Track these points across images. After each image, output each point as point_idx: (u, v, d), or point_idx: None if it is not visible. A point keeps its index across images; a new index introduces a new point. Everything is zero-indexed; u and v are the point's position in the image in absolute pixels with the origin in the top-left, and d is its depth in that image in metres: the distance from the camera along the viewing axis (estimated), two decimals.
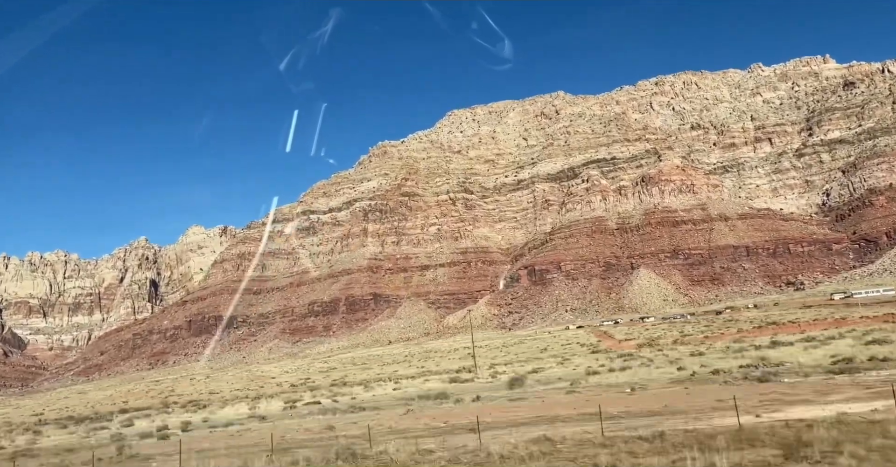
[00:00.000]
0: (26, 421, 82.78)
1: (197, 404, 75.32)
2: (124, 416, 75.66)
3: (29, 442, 55.04)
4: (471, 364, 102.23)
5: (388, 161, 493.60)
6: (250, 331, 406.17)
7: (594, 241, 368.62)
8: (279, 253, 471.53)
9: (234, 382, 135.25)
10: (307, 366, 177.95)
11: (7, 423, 79.76)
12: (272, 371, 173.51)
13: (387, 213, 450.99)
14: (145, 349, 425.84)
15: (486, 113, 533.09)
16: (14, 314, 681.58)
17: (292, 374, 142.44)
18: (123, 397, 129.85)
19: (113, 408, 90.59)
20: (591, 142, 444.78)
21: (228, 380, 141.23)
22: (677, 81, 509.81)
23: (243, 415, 57.78)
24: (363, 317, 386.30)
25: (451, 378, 78.48)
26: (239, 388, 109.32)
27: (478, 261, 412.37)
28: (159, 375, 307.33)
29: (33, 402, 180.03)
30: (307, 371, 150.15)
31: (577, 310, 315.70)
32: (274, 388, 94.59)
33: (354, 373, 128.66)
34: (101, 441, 49.57)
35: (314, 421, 49.47)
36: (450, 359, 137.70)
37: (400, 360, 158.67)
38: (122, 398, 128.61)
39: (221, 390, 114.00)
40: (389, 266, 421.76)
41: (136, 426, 62.43)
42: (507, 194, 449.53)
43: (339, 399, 68.99)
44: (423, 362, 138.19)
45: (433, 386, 67.99)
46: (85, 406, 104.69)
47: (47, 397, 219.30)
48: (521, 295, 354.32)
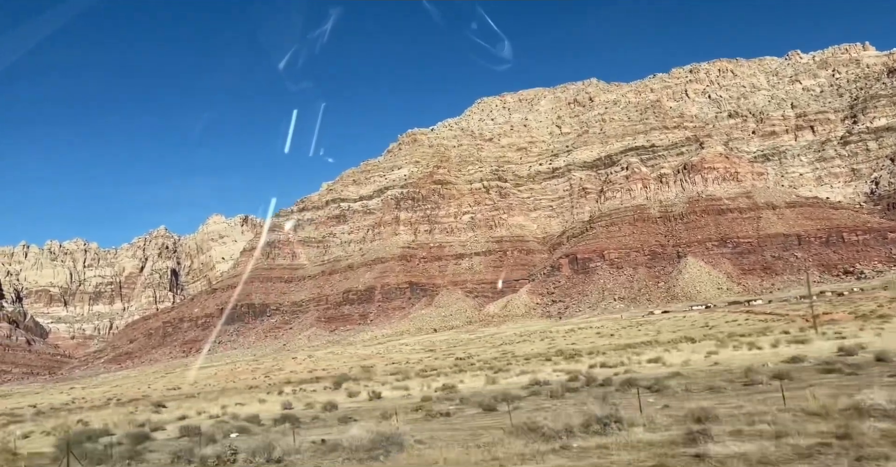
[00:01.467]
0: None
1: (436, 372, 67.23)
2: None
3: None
4: (641, 340, 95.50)
5: (418, 149, 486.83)
6: (284, 319, 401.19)
7: (637, 230, 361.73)
8: (309, 241, 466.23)
9: (348, 361, 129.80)
10: (394, 349, 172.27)
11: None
12: (365, 351, 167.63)
13: (419, 201, 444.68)
14: (176, 337, 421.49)
15: (515, 101, 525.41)
16: (35, 302, 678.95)
17: (411, 354, 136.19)
18: (239, 375, 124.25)
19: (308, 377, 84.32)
20: (627, 130, 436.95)
21: (338, 360, 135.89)
22: (712, 69, 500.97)
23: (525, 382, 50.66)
24: (399, 305, 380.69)
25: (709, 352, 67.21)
26: (404, 363, 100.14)
27: (514, 249, 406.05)
28: (205, 362, 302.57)
29: (129, 384, 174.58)
30: (414, 350, 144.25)
31: (626, 299, 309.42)
32: (451, 362, 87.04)
33: (498, 350, 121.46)
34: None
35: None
36: (564, 340, 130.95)
37: (516, 341, 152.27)
38: (240, 376, 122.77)
39: (401, 362, 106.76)
40: (423, 254, 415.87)
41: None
42: (542, 182, 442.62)
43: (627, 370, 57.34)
44: (546, 342, 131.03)
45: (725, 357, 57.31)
46: (227, 382, 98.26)
47: (125, 380, 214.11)
48: (564, 284, 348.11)
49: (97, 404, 68.14)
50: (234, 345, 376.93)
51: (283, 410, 49.52)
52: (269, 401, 57.47)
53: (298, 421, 38.24)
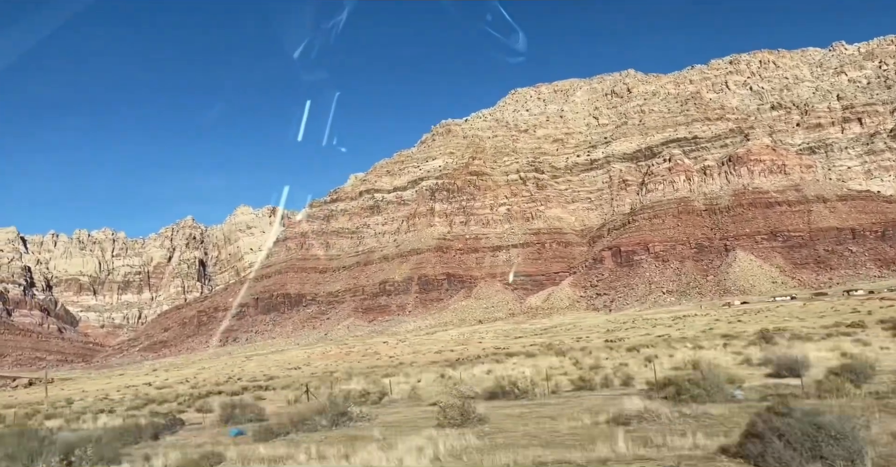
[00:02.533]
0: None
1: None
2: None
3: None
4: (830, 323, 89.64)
5: (452, 139, 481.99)
6: (320, 309, 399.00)
7: (682, 222, 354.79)
8: (342, 232, 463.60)
9: (446, 345, 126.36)
10: (457, 337, 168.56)
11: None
12: (427, 340, 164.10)
13: (454, 193, 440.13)
14: (212, 326, 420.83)
15: (550, 91, 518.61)
16: (65, 291, 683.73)
17: (512, 340, 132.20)
18: (346, 357, 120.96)
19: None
20: (668, 122, 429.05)
21: (436, 344, 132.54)
22: (753, 60, 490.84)
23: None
24: (437, 296, 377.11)
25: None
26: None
27: (552, 242, 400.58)
28: (245, 351, 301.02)
29: (189, 372, 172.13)
30: (498, 336, 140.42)
31: (676, 293, 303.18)
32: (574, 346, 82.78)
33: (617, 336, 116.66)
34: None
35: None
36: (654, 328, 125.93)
37: (612, 329, 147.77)
38: (352, 358, 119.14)
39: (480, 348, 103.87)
40: (460, 246, 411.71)
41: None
42: (580, 174, 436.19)
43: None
44: (659, 328, 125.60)
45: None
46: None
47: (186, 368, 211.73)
48: (607, 276, 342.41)
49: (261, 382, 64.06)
50: (271, 334, 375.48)
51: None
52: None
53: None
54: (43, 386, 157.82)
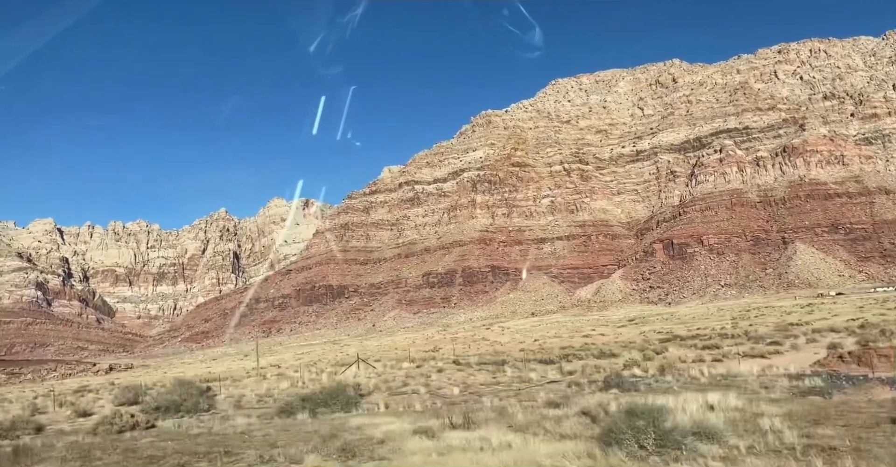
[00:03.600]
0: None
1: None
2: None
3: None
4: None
5: (493, 131, 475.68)
6: (363, 301, 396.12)
7: (735, 214, 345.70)
8: (382, 224, 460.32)
9: (548, 331, 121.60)
10: (544, 327, 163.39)
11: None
12: (527, 329, 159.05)
13: (496, 184, 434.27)
14: (253, 317, 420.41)
15: (592, 82, 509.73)
16: (101, 282, 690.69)
17: (627, 328, 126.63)
18: (438, 344, 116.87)
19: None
20: (716, 112, 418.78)
21: (541, 333, 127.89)
22: (802, 49, 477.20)
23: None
24: (482, 289, 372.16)
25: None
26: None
27: (599, 234, 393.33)
28: (293, 341, 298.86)
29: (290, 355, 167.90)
30: (569, 329, 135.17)
31: (735, 286, 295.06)
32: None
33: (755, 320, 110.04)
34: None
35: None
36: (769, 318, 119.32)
37: (701, 319, 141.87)
38: (443, 345, 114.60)
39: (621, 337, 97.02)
40: (503, 238, 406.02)
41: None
42: (626, 165, 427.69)
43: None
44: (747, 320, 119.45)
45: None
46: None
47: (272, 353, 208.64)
48: (659, 269, 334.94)
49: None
50: (316, 325, 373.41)
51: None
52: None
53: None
54: (121, 371, 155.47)
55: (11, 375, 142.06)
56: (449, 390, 40.92)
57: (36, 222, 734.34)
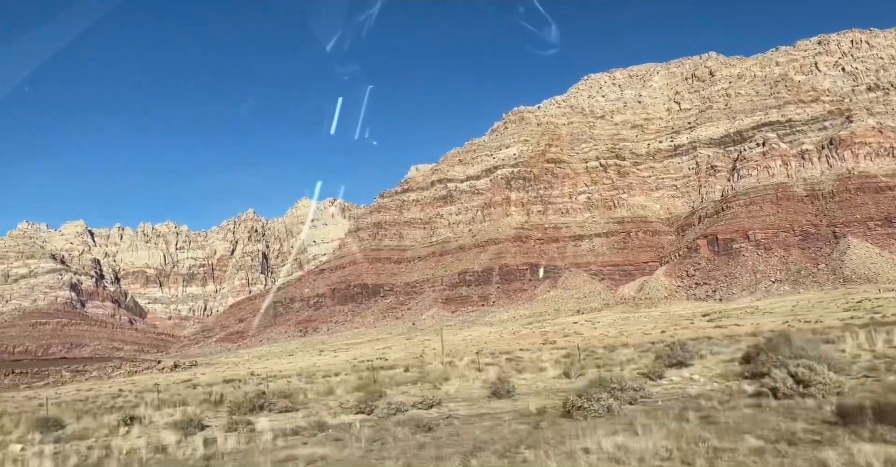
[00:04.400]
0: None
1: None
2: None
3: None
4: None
5: (526, 127, 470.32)
6: (399, 300, 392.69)
7: (782, 209, 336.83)
8: (415, 222, 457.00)
9: (631, 327, 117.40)
10: (612, 323, 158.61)
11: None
12: (622, 323, 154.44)
13: (530, 181, 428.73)
14: (289, 317, 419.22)
15: (625, 77, 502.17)
16: (132, 283, 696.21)
17: (657, 326, 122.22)
18: (524, 338, 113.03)
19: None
20: (757, 105, 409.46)
21: (625, 327, 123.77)
22: (843, 40, 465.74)
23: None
24: (520, 287, 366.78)
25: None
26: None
27: (638, 230, 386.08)
28: (337, 340, 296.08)
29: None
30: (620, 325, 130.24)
31: (787, 281, 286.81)
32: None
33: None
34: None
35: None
36: None
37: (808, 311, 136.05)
38: (527, 339, 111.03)
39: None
40: (539, 236, 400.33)
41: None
42: (663, 160, 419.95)
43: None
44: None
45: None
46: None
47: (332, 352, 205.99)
48: (704, 265, 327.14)
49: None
50: (353, 324, 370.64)
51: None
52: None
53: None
54: (187, 368, 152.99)
55: (76, 372, 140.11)
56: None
57: (67, 224, 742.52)
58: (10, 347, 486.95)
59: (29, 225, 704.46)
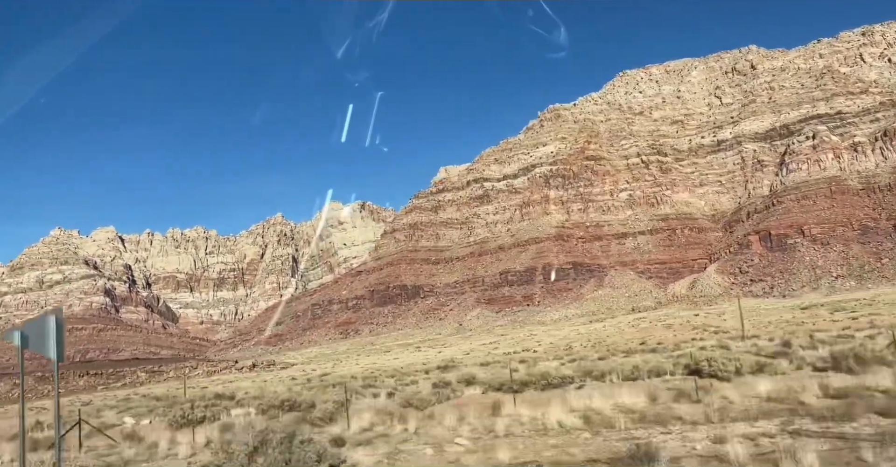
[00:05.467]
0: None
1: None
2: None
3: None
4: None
5: (562, 125, 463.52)
6: (440, 300, 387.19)
7: (837, 203, 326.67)
8: (451, 222, 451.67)
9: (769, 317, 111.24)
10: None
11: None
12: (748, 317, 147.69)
13: (570, 179, 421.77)
14: (327, 319, 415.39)
15: (662, 72, 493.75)
16: (163, 288, 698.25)
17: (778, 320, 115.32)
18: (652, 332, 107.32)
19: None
20: (803, 98, 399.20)
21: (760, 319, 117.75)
22: (888, 31, 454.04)
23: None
24: (565, 286, 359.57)
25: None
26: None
27: (683, 227, 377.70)
28: (385, 341, 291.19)
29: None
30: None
31: (849, 277, 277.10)
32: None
33: None
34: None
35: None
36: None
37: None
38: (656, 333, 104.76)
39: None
40: (581, 234, 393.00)
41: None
42: (706, 156, 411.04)
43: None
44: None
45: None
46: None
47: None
48: (758, 262, 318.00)
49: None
50: (395, 325, 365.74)
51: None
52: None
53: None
54: (264, 368, 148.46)
55: (152, 373, 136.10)
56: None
57: (98, 231, 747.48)
58: None
59: (61, 231, 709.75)
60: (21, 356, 15.06)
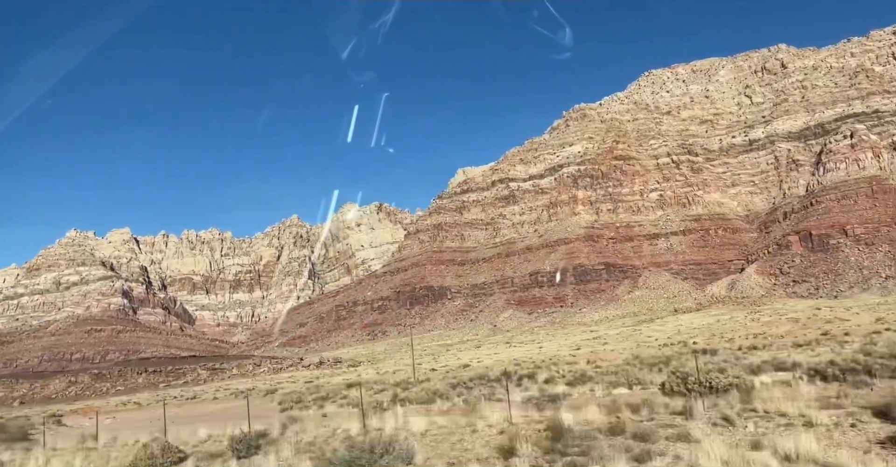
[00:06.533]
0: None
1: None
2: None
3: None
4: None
5: (589, 124, 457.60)
6: (468, 302, 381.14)
7: (879, 203, 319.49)
8: (476, 223, 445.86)
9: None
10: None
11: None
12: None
13: (598, 179, 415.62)
14: (353, 320, 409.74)
15: (688, 72, 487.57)
16: (179, 290, 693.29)
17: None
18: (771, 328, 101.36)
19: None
20: (837, 97, 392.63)
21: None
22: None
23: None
24: (597, 288, 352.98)
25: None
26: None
27: (717, 228, 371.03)
28: (422, 342, 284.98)
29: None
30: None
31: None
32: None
33: None
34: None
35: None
36: None
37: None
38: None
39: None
40: (612, 235, 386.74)
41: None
42: (738, 156, 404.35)
43: None
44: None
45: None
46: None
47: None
48: (799, 262, 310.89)
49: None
50: (424, 327, 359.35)
51: None
52: None
53: None
54: (332, 366, 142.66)
55: (213, 371, 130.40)
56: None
57: (113, 232, 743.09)
58: (67, 354, 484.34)
59: (77, 233, 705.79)
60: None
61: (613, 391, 39.42)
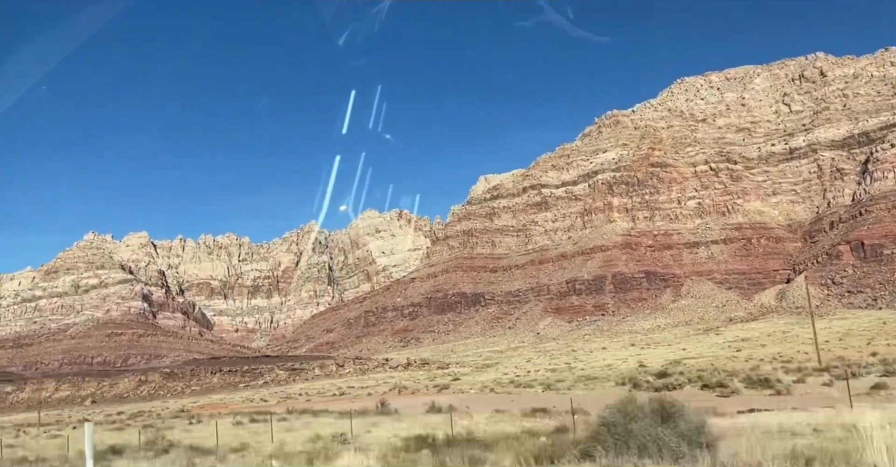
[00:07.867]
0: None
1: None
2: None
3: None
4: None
5: (622, 131, 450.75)
6: (502, 309, 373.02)
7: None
8: (507, 229, 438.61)
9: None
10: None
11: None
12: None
13: (634, 186, 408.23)
14: (383, 326, 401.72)
15: (722, 79, 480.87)
16: (196, 295, 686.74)
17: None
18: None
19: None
20: (880, 105, 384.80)
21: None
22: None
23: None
24: (638, 296, 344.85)
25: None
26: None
27: (759, 237, 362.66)
28: (462, 349, 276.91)
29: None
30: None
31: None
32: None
33: None
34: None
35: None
36: None
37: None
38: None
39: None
40: (650, 243, 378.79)
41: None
42: (778, 164, 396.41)
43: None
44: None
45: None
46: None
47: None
48: (852, 273, 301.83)
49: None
50: (458, 334, 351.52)
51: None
52: None
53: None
54: (425, 367, 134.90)
55: (291, 371, 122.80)
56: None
57: (131, 236, 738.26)
58: (88, 357, 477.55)
59: (95, 236, 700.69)
60: None
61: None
